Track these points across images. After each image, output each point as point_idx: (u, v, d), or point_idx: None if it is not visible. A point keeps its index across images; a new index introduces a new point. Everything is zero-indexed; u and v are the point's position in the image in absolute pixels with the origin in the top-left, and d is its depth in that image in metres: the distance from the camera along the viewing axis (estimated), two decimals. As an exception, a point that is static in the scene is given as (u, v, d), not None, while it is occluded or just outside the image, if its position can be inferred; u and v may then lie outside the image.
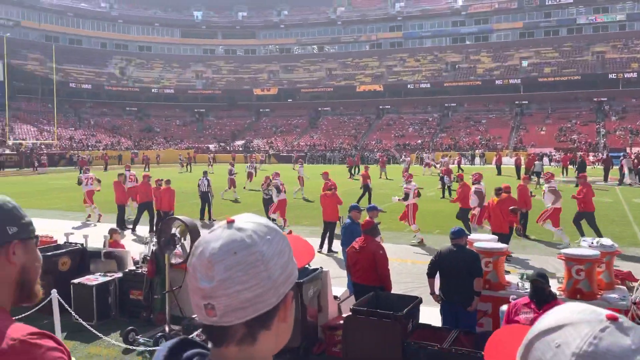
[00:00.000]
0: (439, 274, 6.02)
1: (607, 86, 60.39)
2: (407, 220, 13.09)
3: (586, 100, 61.02)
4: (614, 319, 0.70)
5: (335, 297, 6.93)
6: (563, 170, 32.41)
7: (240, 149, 61.20)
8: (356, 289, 6.50)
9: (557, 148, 48.59)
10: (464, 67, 70.87)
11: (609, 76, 60.78)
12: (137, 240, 12.96)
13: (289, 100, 75.84)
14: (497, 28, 74.41)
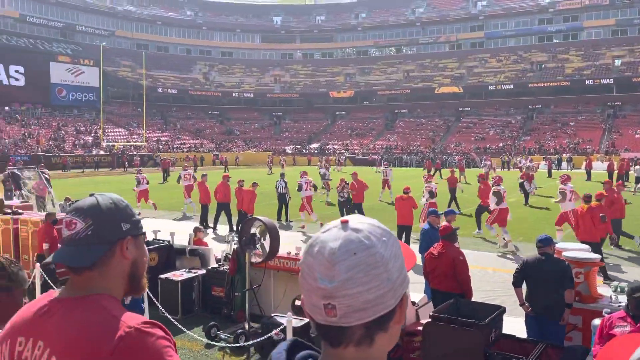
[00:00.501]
0: (525, 283, 5.75)
1: None
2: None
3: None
4: None
5: (413, 303, 6.81)
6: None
7: (316, 151, 61.88)
8: (435, 296, 6.35)
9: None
10: (550, 67, 67.52)
11: None
12: (217, 239, 13.43)
13: (365, 102, 75.74)
14: (587, 26, 70.33)
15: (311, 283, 0.90)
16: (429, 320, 5.47)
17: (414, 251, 7.86)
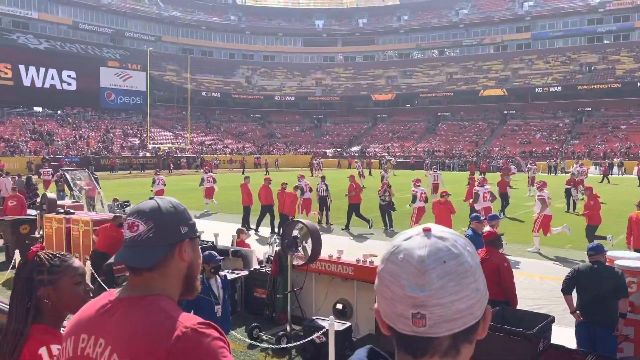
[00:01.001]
0: (576, 292, 5.57)
1: None
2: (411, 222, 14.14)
3: None
4: None
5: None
6: None
7: (356, 154, 61.72)
8: (479, 303, 6.21)
9: None
10: (600, 69, 65.22)
11: None
12: (260, 240, 13.56)
13: (407, 105, 75.08)
14: (639, 26, 67.55)
15: (396, 291, 0.87)
16: (474, 327, 5.35)
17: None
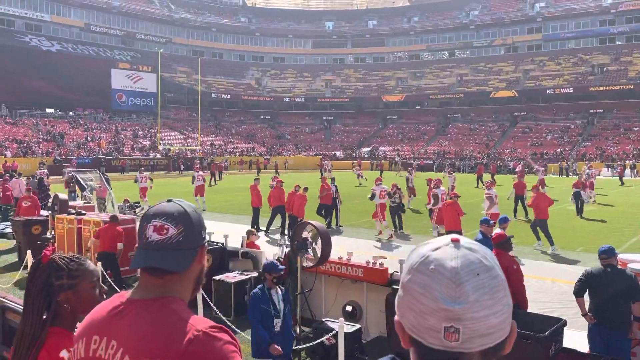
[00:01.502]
0: (588, 295, 5.51)
1: None
2: (378, 218, 14.45)
3: None
4: None
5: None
6: None
7: (366, 156, 61.64)
8: (489, 306, 6.16)
9: None
10: (613, 70, 64.63)
11: None
12: (269, 242, 13.57)
13: (417, 107, 74.86)
14: (653, 26, 66.99)
15: (428, 304, 0.82)
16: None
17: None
